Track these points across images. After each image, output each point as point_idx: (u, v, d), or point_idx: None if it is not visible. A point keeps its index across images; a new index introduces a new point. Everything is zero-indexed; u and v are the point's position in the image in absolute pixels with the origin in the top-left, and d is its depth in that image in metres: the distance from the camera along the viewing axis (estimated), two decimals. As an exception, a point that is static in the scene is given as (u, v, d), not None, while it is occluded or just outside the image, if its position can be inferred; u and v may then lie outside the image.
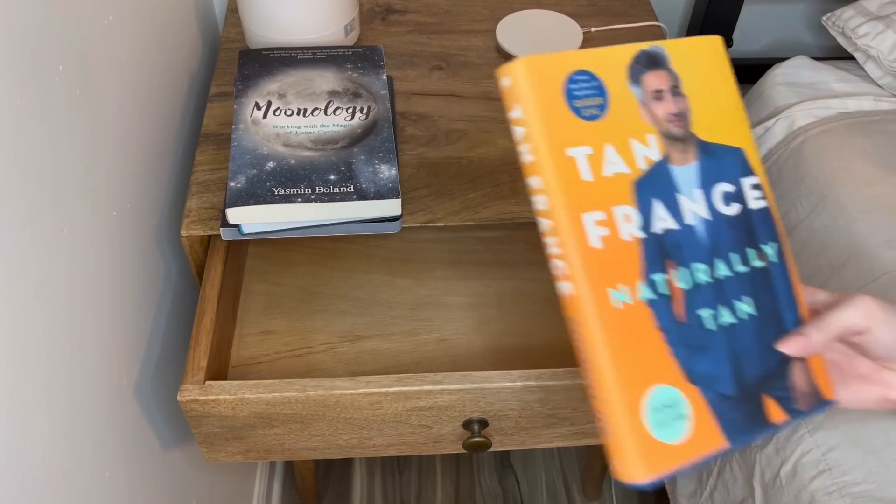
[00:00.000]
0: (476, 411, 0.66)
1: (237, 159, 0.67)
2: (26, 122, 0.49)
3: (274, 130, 0.70)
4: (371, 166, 0.68)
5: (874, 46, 0.94)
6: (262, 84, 0.75)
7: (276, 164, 0.67)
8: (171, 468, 0.77)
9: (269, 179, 0.66)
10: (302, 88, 0.74)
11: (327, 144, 0.69)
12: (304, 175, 0.67)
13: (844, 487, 0.70)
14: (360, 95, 0.74)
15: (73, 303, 0.55)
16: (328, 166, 0.67)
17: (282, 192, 0.65)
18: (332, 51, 0.79)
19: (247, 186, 0.65)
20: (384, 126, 0.71)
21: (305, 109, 0.72)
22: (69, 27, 0.56)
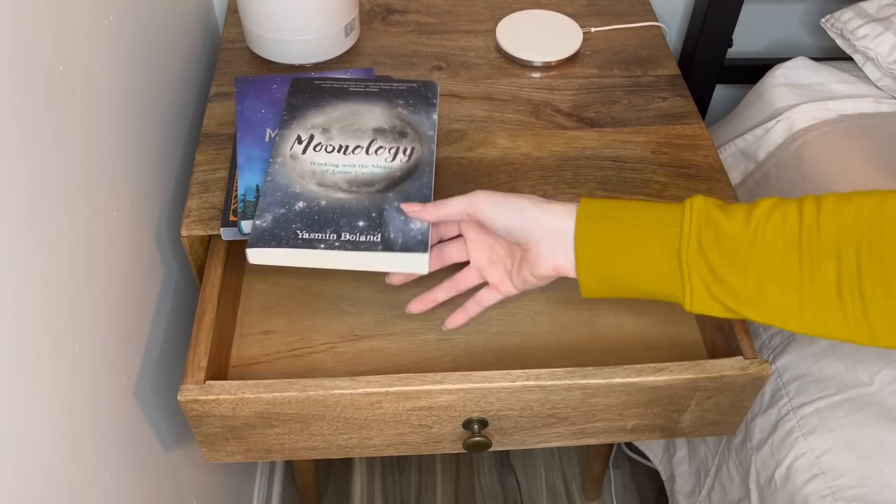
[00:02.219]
0: (476, 411, 0.66)
1: (268, 195, 0.65)
2: (26, 122, 0.49)
3: (310, 167, 0.67)
4: (403, 214, 0.64)
5: (873, 48, 0.94)
6: (309, 116, 0.71)
7: (306, 204, 0.64)
8: (171, 468, 0.77)
9: (295, 220, 0.63)
10: (347, 123, 0.71)
11: (362, 187, 0.66)
12: (333, 219, 0.63)
13: (838, 491, 0.70)
14: (405, 135, 0.70)
15: (72, 303, 0.55)
16: (359, 211, 0.64)
17: (305, 236, 0.62)
18: (385, 84, 0.75)
19: (272, 226, 0.63)
20: (425, 170, 0.67)
21: (347, 147, 0.69)
22: (69, 27, 0.56)
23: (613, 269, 0.57)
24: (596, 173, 0.77)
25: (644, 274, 0.57)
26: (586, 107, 0.85)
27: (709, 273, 0.54)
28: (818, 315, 0.52)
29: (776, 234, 0.52)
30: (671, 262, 0.55)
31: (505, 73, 0.89)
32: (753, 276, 0.53)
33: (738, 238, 0.53)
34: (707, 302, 0.55)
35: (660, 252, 0.55)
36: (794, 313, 0.53)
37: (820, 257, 0.51)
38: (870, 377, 0.73)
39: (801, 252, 0.52)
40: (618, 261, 0.57)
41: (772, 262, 0.53)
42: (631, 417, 0.68)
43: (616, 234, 0.57)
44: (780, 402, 0.77)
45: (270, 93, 0.78)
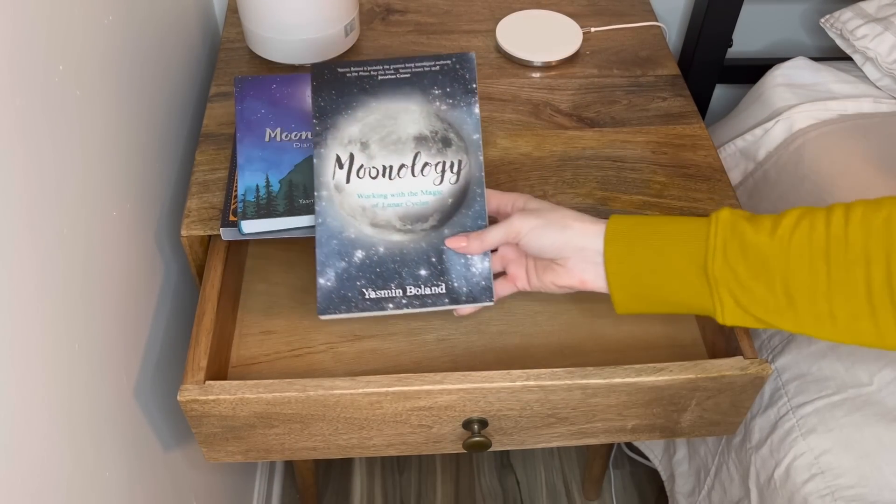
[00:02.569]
0: (476, 411, 0.66)
1: (324, 244, 0.63)
2: (26, 123, 0.49)
3: (359, 202, 0.64)
4: (463, 257, 0.64)
5: (872, 48, 0.94)
6: (342, 126, 0.66)
7: (365, 253, 0.63)
8: (171, 468, 0.77)
9: (358, 276, 0.63)
10: (386, 133, 0.66)
11: (416, 223, 0.64)
12: (395, 270, 0.63)
13: (837, 491, 0.70)
14: (449, 143, 0.65)
15: (72, 303, 0.55)
16: (418, 256, 0.64)
17: (373, 296, 0.63)
18: (416, 65, 0.67)
19: (337, 286, 0.62)
20: (476, 194, 0.65)
21: (391, 168, 0.65)
22: (69, 27, 0.56)
23: (643, 284, 0.58)
24: (596, 173, 0.77)
25: (674, 288, 0.57)
26: (586, 107, 0.85)
27: (737, 285, 0.54)
28: (850, 323, 0.52)
29: (803, 243, 0.52)
30: (699, 276, 0.56)
31: (505, 73, 0.89)
32: (782, 287, 0.53)
33: (764, 248, 0.53)
34: (738, 314, 0.55)
35: (687, 266, 0.56)
36: (826, 322, 0.53)
37: (849, 265, 0.51)
38: (869, 377, 0.73)
39: (829, 261, 0.51)
40: (647, 276, 0.58)
41: (800, 272, 0.52)
42: (631, 417, 0.68)
43: (643, 250, 0.57)
44: (779, 402, 0.77)
45: (270, 93, 0.78)
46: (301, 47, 0.86)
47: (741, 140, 0.99)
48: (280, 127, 0.75)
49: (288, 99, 0.78)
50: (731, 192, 0.75)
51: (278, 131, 0.74)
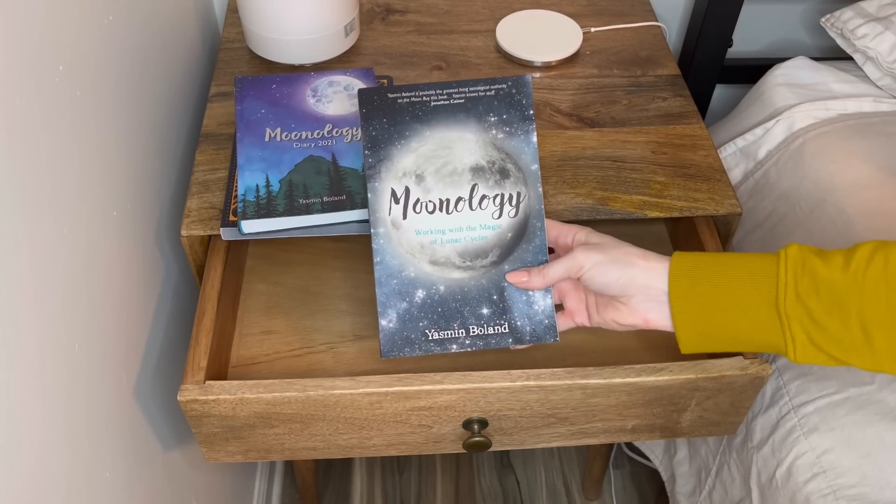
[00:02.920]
0: (476, 411, 0.66)
1: (384, 284, 0.62)
2: (26, 122, 0.49)
3: (417, 239, 0.62)
4: (524, 294, 0.62)
5: (873, 48, 0.94)
6: (396, 157, 0.63)
7: (426, 293, 0.62)
8: (171, 468, 0.77)
9: (420, 317, 0.62)
10: (441, 164, 0.63)
11: (476, 259, 0.63)
12: (456, 309, 0.62)
13: (839, 490, 0.70)
14: (507, 174, 0.63)
15: (72, 302, 0.55)
16: (479, 295, 0.62)
17: (436, 337, 0.62)
18: (470, 90, 0.64)
19: (399, 327, 0.61)
20: (536, 227, 0.63)
21: (448, 201, 0.63)
22: (69, 27, 0.56)
23: (710, 322, 0.57)
24: (596, 173, 0.77)
25: (743, 326, 0.56)
26: (586, 107, 0.85)
27: (810, 321, 0.53)
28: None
29: (878, 278, 0.51)
30: (770, 313, 0.54)
31: (505, 73, 0.89)
32: (857, 323, 0.52)
33: (837, 284, 0.52)
34: (810, 351, 0.54)
35: (757, 303, 0.55)
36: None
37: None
38: (871, 376, 0.73)
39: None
40: (714, 315, 0.56)
41: (875, 307, 0.51)
42: (631, 417, 0.68)
43: (710, 288, 0.56)
44: (781, 401, 0.77)
45: (270, 93, 0.79)
46: (301, 47, 0.86)
47: (741, 139, 0.99)
48: (280, 127, 0.75)
49: (288, 99, 0.78)
50: (732, 192, 0.75)
51: (278, 131, 0.74)
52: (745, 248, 0.95)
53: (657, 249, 0.61)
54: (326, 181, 0.69)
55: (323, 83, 0.80)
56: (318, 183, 0.69)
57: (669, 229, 0.84)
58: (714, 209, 0.74)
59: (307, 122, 0.75)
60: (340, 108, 0.77)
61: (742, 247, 0.96)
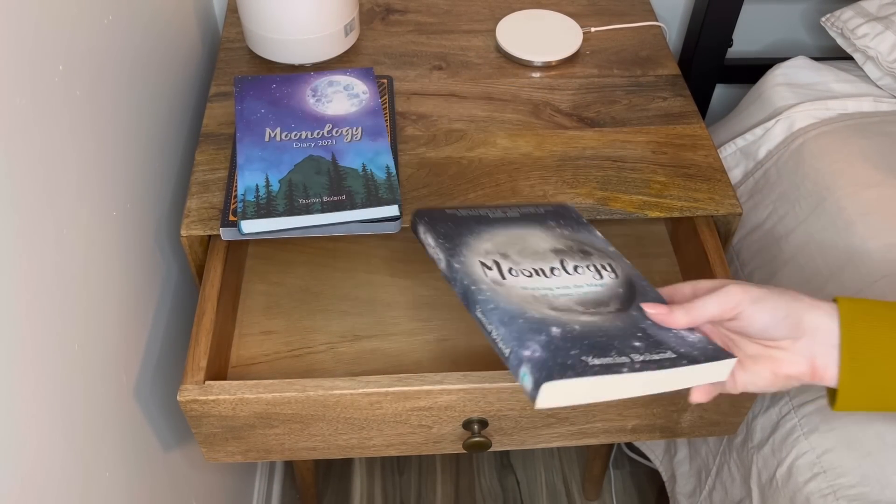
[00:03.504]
0: (476, 411, 0.66)
1: (508, 324, 0.51)
2: (26, 122, 0.49)
3: (526, 292, 0.55)
4: (668, 331, 0.54)
5: (873, 47, 0.94)
6: (472, 243, 0.60)
7: (562, 329, 0.52)
8: (171, 468, 0.77)
9: (568, 347, 0.50)
10: (521, 248, 0.60)
11: (599, 307, 0.56)
12: (606, 342, 0.51)
13: (839, 490, 0.70)
14: (588, 253, 0.61)
15: (72, 303, 0.55)
16: (622, 332, 0.53)
17: (597, 362, 0.49)
18: (521, 209, 0.65)
19: (549, 356, 0.49)
20: (643, 286, 0.58)
21: (543, 269, 0.58)
22: (69, 27, 0.56)
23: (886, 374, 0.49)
24: (596, 173, 0.77)
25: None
26: (586, 107, 0.85)
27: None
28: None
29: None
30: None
31: (505, 72, 0.89)
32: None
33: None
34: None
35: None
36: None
37: None
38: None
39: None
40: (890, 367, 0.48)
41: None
42: (631, 417, 0.68)
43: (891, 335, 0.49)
44: (781, 401, 0.77)
45: (270, 92, 0.79)
46: (301, 47, 0.86)
47: (741, 139, 0.99)
48: (280, 126, 0.75)
49: (288, 99, 0.78)
50: (732, 192, 0.75)
51: (278, 131, 0.74)
52: (746, 247, 0.95)
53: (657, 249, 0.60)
54: (326, 181, 0.69)
55: (323, 83, 0.80)
56: (318, 183, 0.69)
57: (669, 229, 0.84)
58: (714, 209, 0.74)
59: (307, 121, 0.75)
60: (340, 107, 0.77)
61: (742, 247, 0.96)
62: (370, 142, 0.73)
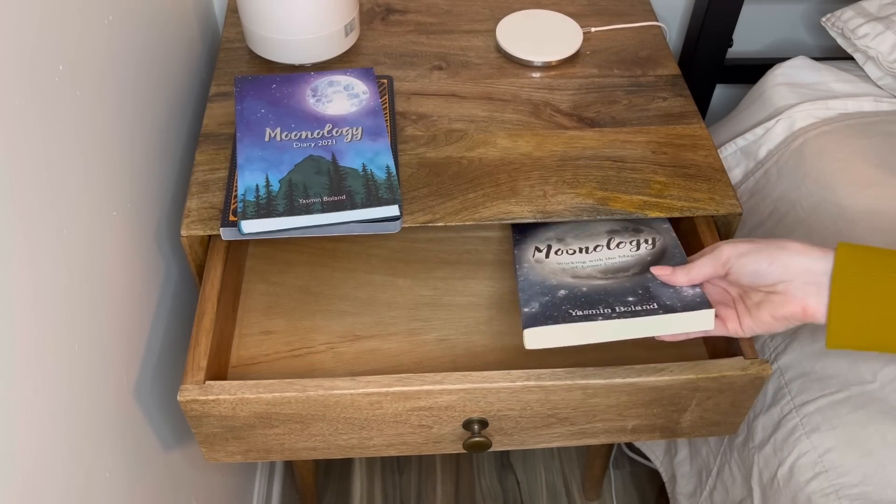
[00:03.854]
0: (476, 411, 0.66)
1: (526, 290, 0.66)
2: (26, 122, 0.49)
3: (559, 266, 0.68)
4: (670, 289, 0.62)
5: (874, 47, 0.94)
6: (540, 231, 0.74)
7: (568, 291, 0.64)
8: (171, 468, 0.77)
9: (563, 304, 0.63)
10: (580, 231, 0.73)
11: (618, 273, 0.66)
12: (600, 298, 0.62)
13: (841, 489, 0.70)
14: (640, 231, 0.71)
15: (72, 303, 0.55)
16: (623, 291, 0.63)
17: (580, 313, 0.61)
18: None
19: (541, 310, 0.62)
20: (675, 252, 0.66)
21: (587, 247, 0.70)
22: (69, 27, 0.56)
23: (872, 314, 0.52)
24: (596, 173, 0.77)
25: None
26: (586, 107, 0.85)
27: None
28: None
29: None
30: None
31: (505, 73, 0.89)
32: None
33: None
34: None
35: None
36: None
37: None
38: (872, 374, 0.73)
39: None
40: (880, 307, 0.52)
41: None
42: (631, 418, 0.68)
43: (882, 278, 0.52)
44: (782, 401, 0.77)
45: (270, 92, 0.78)
46: (301, 47, 0.86)
47: (742, 139, 0.99)
48: (280, 126, 0.75)
49: (288, 98, 0.78)
50: (732, 192, 0.75)
51: (278, 131, 0.74)
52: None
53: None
54: (326, 181, 0.69)
55: (323, 83, 0.80)
56: (318, 183, 0.69)
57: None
58: (714, 209, 0.74)
59: (307, 121, 0.75)
60: (340, 107, 0.77)
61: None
62: (370, 142, 0.73)
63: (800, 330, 0.79)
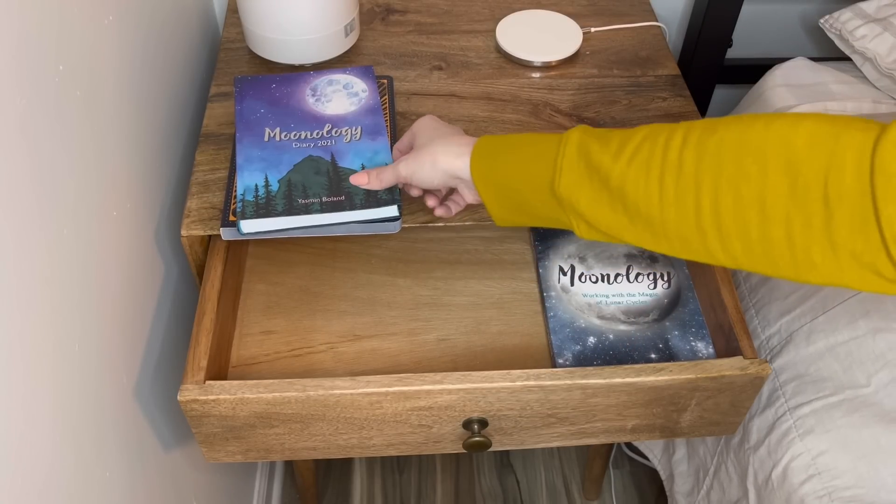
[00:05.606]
0: (476, 411, 0.66)
1: (557, 332, 0.71)
2: (27, 122, 0.49)
3: (585, 300, 0.73)
4: (687, 343, 0.70)
5: (871, 49, 0.94)
6: (561, 245, 0.78)
7: (597, 339, 0.70)
8: (171, 468, 0.77)
9: (593, 357, 0.69)
10: (600, 251, 0.77)
11: (639, 317, 0.72)
12: (626, 353, 0.69)
13: (834, 492, 0.70)
14: (656, 259, 0.76)
15: (72, 303, 0.55)
16: (646, 343, 0.70)
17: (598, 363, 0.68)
18: None
19: (573, 364, 0.69)
20: (689, 297, 0.74)
21: (609, 275, 0.75)
22: (69, 27, 0.56)
23: (510, 199, 0.60)
24: (596, 173, 0.77)
25: (534, 204, 0.59)
26: (586, 107, 0.85)
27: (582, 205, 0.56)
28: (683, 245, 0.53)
29: (641, 167, 0.53)
30: (550, 196, 0.57)
31: (505, 73, 0.89)
32: (622, 207, 0.54)
33: (606, 170, 0.54)
34: (589, 231, 0.57)
35: (540, 185, 0.58)
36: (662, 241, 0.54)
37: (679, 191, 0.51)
38: (867, 378, 0.73)
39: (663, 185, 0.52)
40: (510, 192, 0.60)
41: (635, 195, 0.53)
42: (631, 417, 0.68)
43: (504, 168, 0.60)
44: (777, 403, 0.77)
45: (270, 92, 0.78)
46: (301, 47, 0.86)
47: (741, 140, 0.99)
48: (279, 126, 0.75)
49: (287, 98, 0.78)
50: (731, 193, 0.75)
51: (277, 131, 0.74)
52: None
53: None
54: (325, 181, 0.69)
55: (322, 82, 0.80)
56: (318, 183, 0.69)
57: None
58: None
59: (306, 121, 0.75)
60: (339, 107, 0.77)
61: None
62: (369, 141, 0.73)
63: (795, 333, 0.79)
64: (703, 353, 0.70)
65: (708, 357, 0.70)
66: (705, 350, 0.70)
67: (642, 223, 0.54)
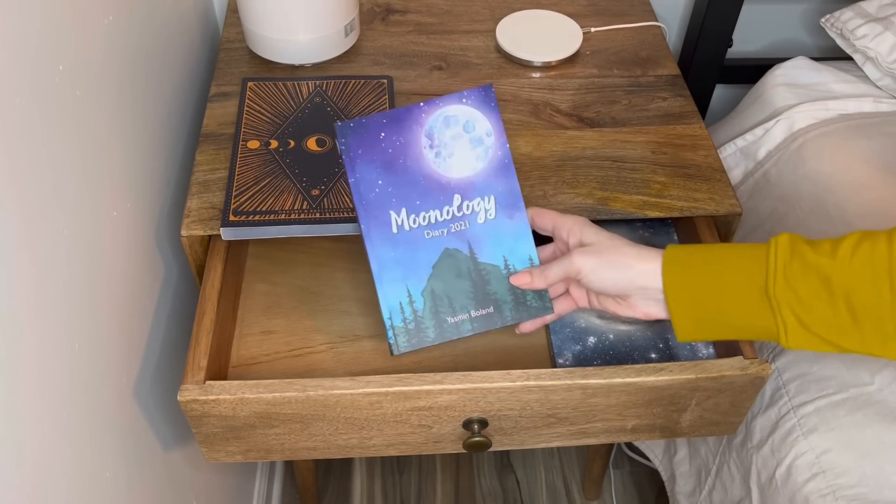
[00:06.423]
0: (476, 411, 0.66)
1: (557, 332, 0.71)
2: (26, 122, 0.49)
3: None
4: (688, 343, 0.70)
5: (873, 48, 0.94)
6: None
7: (597, 339, 0.70)
8: (171, 468, 0.77)
9: (593, 357, 0.69)
10: None
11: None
12: (627, 353, 0.69)
13: (838, 490, 0.70)
14: None
15: (72, 303, 0.55)
16: (646, 343, 0.70)
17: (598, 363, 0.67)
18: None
19: (573, 364, 0.68)
20: None
21: None
22: (69, 27, 0.56)
23: (704, 309, 0.58)
24: (596, 173, 0.77)
25: (735, 312, 0.57)
26: (586, 107, 0.85)
27: (799, 304, 0.54)
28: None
29: (864, 262, 0.52)
30: (760, 298, 0.55)
31: (505, 73, 0.89)
32: (845, 305, 0.53)
33: (825, 268, 0.53)
34: (802, 335, 0.55)
35: (747, 289, 0.56)
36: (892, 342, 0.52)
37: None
38: (870, 376, 0.73)
39: (893, 279, 0.51)
40: (707, 301, 0.58)
41: (862, 291, 0.52)
42: (631, 417, 0.68)
43: (702, 275, 0.58)
44: (780, 402, 0.77)
45: (381, 148, 0.61)
46: (301, 47, 0.86)
47: (741, 139, 0.99)
48: (405, 207, 0.61)
49: (403, 156, 0.61)
50: (731, 192, 0.75)
51: (404, 214, 0.61)
52: (745, 248, 0.95)
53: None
54: (469, 287, 0.63)
55: (438, 122, 0.62)
56: (462, 291, 0.62)
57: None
58: (714, 209, 0.74)
59: (432, 194, 0.62)
60: (465, 165, 0.63)
61: (742, 247, 0.96)
62: (506, 219, 0.64)
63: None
64: (703, 352, 0.70)
65: (708, 357, 0.69)
66: (705, 350, 0.70)
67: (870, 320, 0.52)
